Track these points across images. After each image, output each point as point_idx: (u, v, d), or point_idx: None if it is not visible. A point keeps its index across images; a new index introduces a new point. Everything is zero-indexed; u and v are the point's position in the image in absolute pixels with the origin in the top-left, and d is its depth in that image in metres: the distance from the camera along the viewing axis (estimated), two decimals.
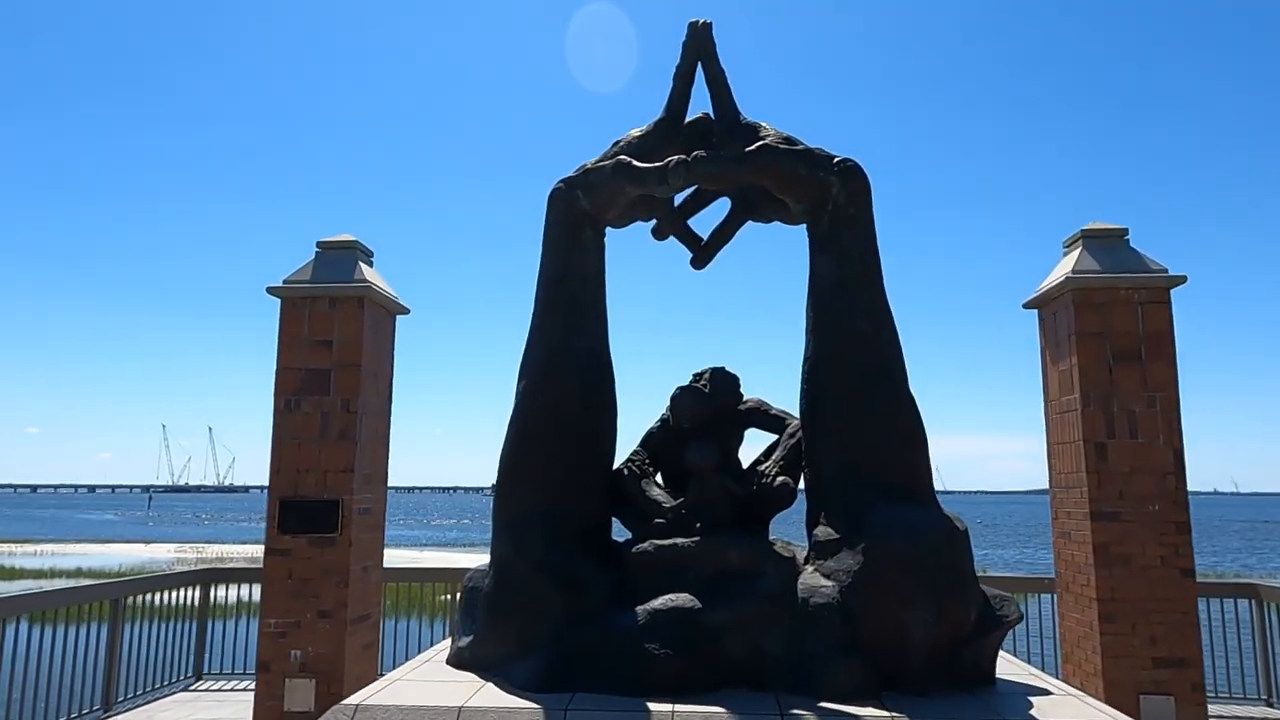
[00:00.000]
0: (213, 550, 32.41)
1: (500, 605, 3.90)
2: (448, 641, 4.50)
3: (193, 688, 8.54)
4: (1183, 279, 6.80)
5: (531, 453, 4.19)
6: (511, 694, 3.59)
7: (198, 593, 8.96)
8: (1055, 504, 7.39)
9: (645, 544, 4.00)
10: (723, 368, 4.49)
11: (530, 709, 3.40)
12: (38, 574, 24.10)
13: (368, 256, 7.94)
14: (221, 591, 9.16)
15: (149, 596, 8.63)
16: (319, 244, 7.74)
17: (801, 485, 4.27)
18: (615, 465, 4.43)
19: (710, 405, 4.33)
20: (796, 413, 4.44)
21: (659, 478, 4.50)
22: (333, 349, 7.46)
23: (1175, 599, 6.64)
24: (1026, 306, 7.60)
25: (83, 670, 7.28)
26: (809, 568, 3.90)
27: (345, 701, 3.51)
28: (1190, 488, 6.82)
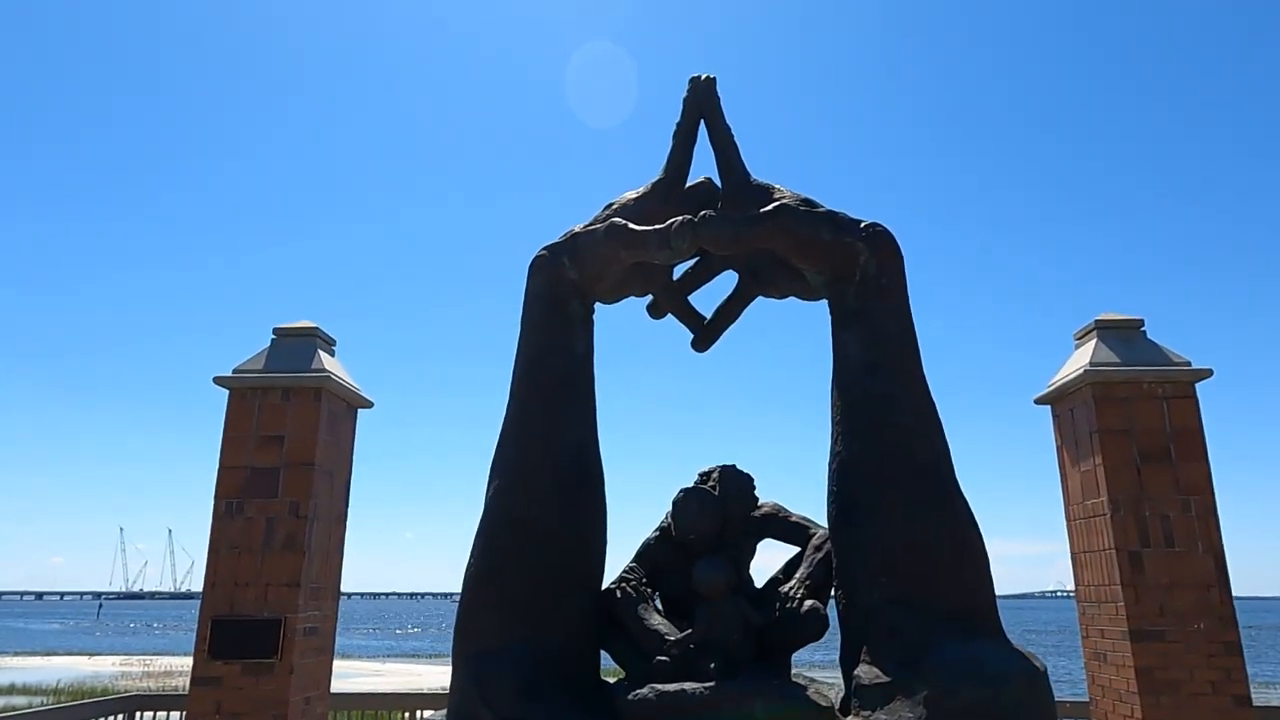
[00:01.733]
0: (161, 663, 29.94)
1: None
2: None
3: None
4: (1208, 372, 6.22)
5: (502, 570, 3.33)
6: None
7: None
8: (1084, 620, 6.55)
9: (645, 690, 3.12)
10: (734, 466, 3.71)
11: None
12: None
13: (329, 345, 7.16)
14: (152, 718, 7.97)
15: None
16: (275, 330, 6.96)
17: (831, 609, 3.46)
18: (605, 585, 3.58)
19: (720, 511, 3.53)
20: (820, 519, 3.66)
21: (658, 600, 3.65)
22: (283, 445, 6.58)
23: None
24: (1039, 402, 6.95)
25: None
26: (853, 718, 3.04)
27: None
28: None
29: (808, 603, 3.33)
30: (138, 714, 8.02)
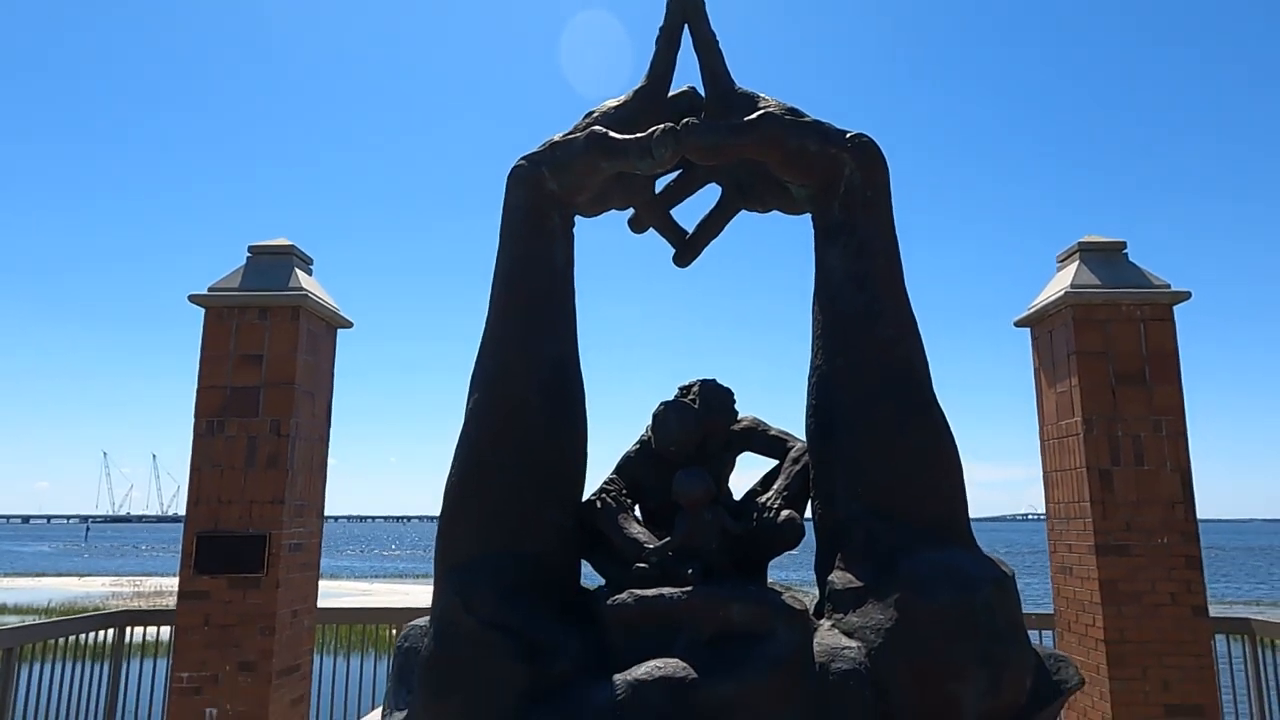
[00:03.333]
0: (151, 583, 30.38)
1: (442, 674, 3.04)
2: (378, 713, 3.59)
3: None
4: (1186, 295, 6.25)
5: (483, 483, 3.34)
6: None
7: (112, 636, 7.90)
8: (1053, 536, 6.73)
9: (624, 595, 3.17)
10: (714, 380, 3.70)
11: None
12: None
13: (306, 264, 7.03)
14: (143, 633, 8.10)
15: (56, 642, 7.56)
16: (250, 248, 6.81)
17: (808, 519, 3.51)
18: (585, 497, 3.61)
19: (699, 424, 3.54)
20: (799, 433, 3.68)
21: (638, 511, 3.69)
22: (263, 365, 6.52)
23: (1189, 640, 6.00)
24: (1018, 325, 6.99)
25: None
26: (825, 623, 3.12)
27: None
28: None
29: (784, 513, 3.38)
30: (128, 629, 8.12)
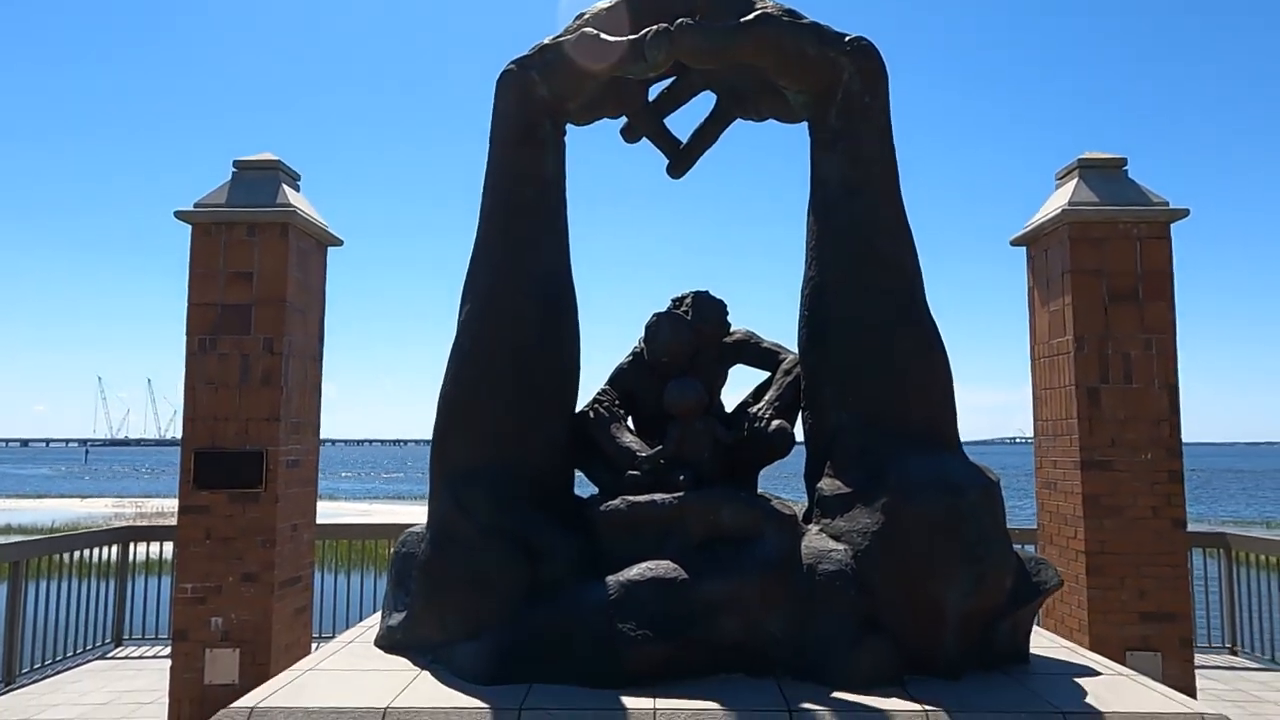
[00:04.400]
0: (152, 505, 30.87)
1: (439, 576, 3.12)
2: (378, 616, 3.71)
3: (111, 655, 7.70)
4: (1185, 212, 6.21)
5: (477, 393, 3.36)
6: (452, 687, 2.83)
7: (116, 552, 8.07)
8: (1040, 453, 6.85)
9: (617, 501, 3.24)
10: (706, 292, 3.70)
11: (475, 708, 2.64)
12: None
13: (293, 180, 6.91)
14: (146, 550, 8.28)
15: (61, 557, 7.72)
16: (236, 163, 6.69)
17: (798, 431, 3.56)
18: (579, 408, 3.64)
19: (692, 335, 3.55)
20: (792, 346, 3.70)
21: (631, 422, 3.73)
22: (253, 282, 6.47)
23: (1166, 551, 6.17)
24: (1015, 243, 6.95)
25: None
26: (813, 528, 3.20)
27: (238, 704, 2.71)
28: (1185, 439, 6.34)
29: (775, 423, 3.42)
30: (131, 544, 8.27)
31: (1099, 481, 6.26)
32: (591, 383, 4.22)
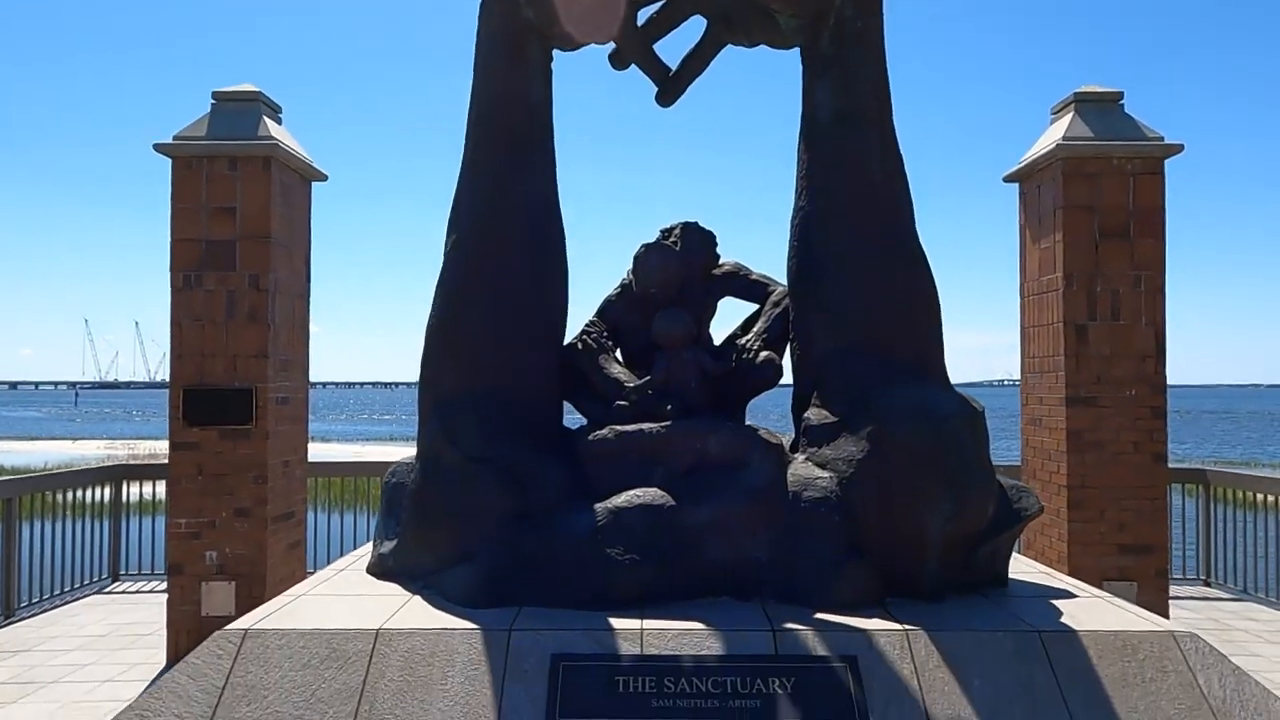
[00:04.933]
0: (144, 446, 30.94)
1: (429, 504, 3.15)
2: (369, 546, 3.76)
3: (108, 590, 7.81)
4: (1179, 148, 6.15)
5: (464, 323, 3.35)
6: (443, 610, 2.88)
7: (109, 491, 8.11)
8: (1026, 389, 6.91)
9: (604, 430, 3.26)
10: (695, 223, 3.67)
11: (465, 629, 2.70)
12: None
13: (274, 112, 6.75)
14: (139, 490, 8.32)
15: (56, 495, 7.76)
16: (215, 94, 6.52)
17: (786, 364, 3.57)
18: (567, 339, 3.64)
19: (681, 266, 3.53)
20: (780, 279, 3.69)
21: (619, 353, 3.73)
22: (237, 218, 6.37)
23: (1146, 485, 6.29)
24: (1007, 180, 6.89)
25: None
26: (799, 457, 3.23)
27: (232, 625, 2.76)
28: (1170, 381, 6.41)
29: (763, 354, 3.43)
30: (124, 484, 8.29)
31: (1083, 417, 6.33)
32: (580, 313, 4.20)
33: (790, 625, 2.72)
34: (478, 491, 3.07)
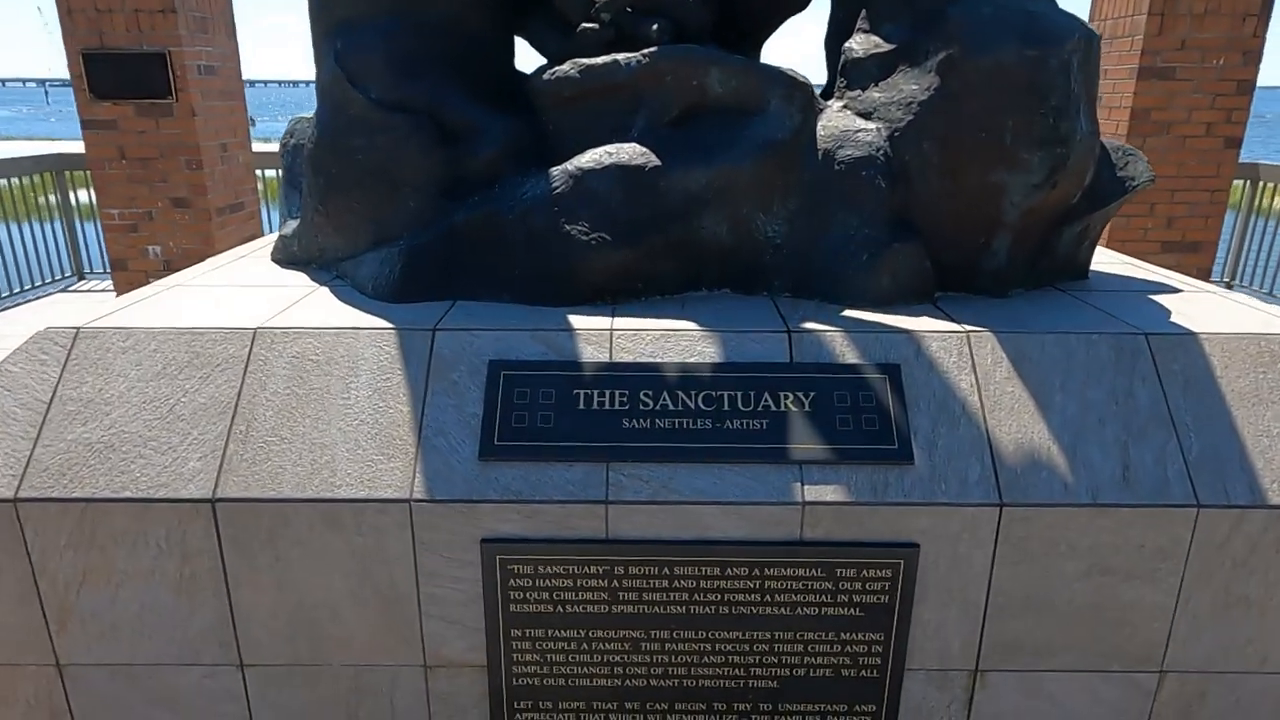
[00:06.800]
0: None
1: (329, 168, 2.28)
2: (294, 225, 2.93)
3: (74, 288, 7.28)
4: None
5: None
6: (350, 304, 2.15)
7: (55, 189, 7.26)
8: None
9: (566, 66, 2.30)
10: None
11: (375, 328, 1.98)
12: None
13: None
14: (89, 193, 7.50)
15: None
16: None
17: None
18: None
19: None
20: None
21: None
22: None
23: (1210, 175, 5.37)
24: None
25: None
26: (835, 103, 2.30)
27: (63, 323, 2.04)
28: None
29: None
30: (69, 177, 7.48)
31: (1153, 94, 5.23)
32: None
33: (811, 325, 1.98)
34: (392, 148, 2.18)
